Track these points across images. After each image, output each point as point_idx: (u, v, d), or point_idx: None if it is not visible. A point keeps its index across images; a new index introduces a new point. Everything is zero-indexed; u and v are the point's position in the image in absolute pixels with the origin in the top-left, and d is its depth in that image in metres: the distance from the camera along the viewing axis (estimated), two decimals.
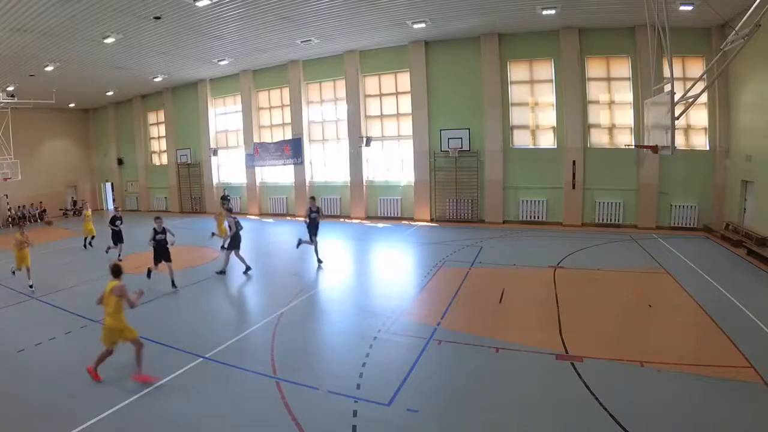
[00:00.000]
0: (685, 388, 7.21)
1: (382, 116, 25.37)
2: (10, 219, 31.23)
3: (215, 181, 31.67)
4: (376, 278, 15.13)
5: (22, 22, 15.94)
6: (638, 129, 19.55)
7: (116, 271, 8.52)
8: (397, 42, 23.01)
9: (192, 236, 23.04)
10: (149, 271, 14.14)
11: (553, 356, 8.40)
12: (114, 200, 30.68)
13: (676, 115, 11.16)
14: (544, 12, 17.77)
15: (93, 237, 20.61)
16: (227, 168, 31.61)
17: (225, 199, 19.91)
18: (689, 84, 12.89)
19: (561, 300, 11.41)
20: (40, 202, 33.52)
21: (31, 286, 14.00)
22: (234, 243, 14.98)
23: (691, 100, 11.55)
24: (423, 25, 19.73)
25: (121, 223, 18.06)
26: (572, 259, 14.77)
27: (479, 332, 9.61)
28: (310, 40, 21.77)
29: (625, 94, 20.42)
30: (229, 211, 17.40)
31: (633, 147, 18.79)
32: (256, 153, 28.61)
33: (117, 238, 17.92)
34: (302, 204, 27.09)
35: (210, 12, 16.82)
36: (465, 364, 8.36)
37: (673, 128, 11.20)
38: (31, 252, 14.95)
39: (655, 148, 12.38)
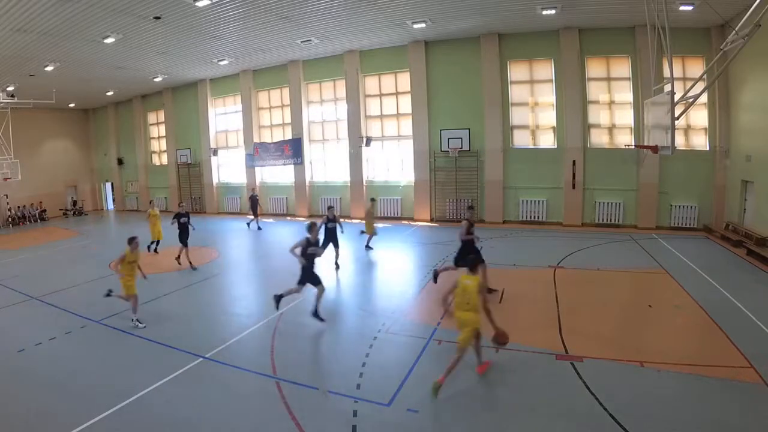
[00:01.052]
0: (685, 388, 7.22)
1: (382, 116, 25.37)
2: (10, 219, 31.20)
3: (215, 181, 31.68)
4: (376, 278, 15.10)
5: (22, 22, 15.92)
6: (638, 129, 19.55)
7: (474, 266, 7.79)
8: (397, 42, 23.02)
9: (191, 237, 23.01)
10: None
11: (553, 356, 8.43)
12: (180, 199, 28.84)
13: (676, 115, 11.20)
14: (544, 12, 17.78)
15: (159, 241, 18.86)
16: (227, 168, 31.61)
17: (373, 200, 18.97)
18: (689, 84, 12.91)
19: (561, 300, 11.43)
20: (40, 202, 33.48)
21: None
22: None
23: (691, 100, 11.58)
24: (423, 25, 19.73)
25: (188, 220, 16.82)
26: (572, 259, 14.77)
27: None
28: (310, 40, 21.77)
29: (625, 94, 20.42)
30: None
31: (633, 147, 18.79)
32: (256, 153, 28.62)
33: (184, 235, 16.59)
34: (302, 204, 27.20)
35: (210, 12, 16.81)
36: (465, 364, 8.22)
37: (673, 128, 11.24)
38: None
39: (655, 148, 12.42)
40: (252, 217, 24.45)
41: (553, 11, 17.70)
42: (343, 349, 9.47)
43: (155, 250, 18.77)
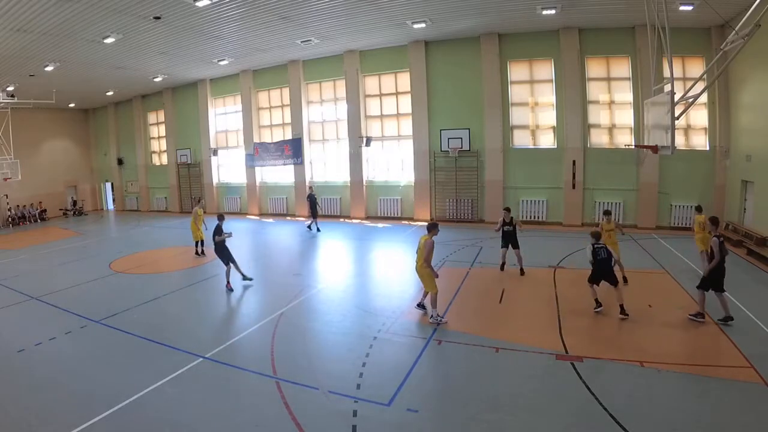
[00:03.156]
0: (685, 387, 7.24)
1: (382, 116, 25.38)
2: (9, 219, 31.23)
3: (215, 181, 31.71)
4: (376, 278, 15.11)
5: (22, 22, 15.94)
6: (638, 129, 19.55)
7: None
8: (397, 42, 23.03)
9: (189, 237, 22.98)
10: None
11: (553, 356, 8.43)
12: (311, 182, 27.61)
13: (676, 115, 11.17)
14: (544, 12, 17.78)
15: (202, 241, 18.20)
16: (227, 168, 31.64)
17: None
18: (689, 84, 12.91)
19: (561, 300, 11.45)
20: (40, 202, 33.53)
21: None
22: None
23: (691, 100, 11.56)
24: (423, 25, 19.74)
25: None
26: (572, 259, 14.77)
27: (479, 332, 9.66)
28: (310, 40, 21.78)
29: (625, 94, 20.43)
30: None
31: (633, 147, 18.82)
32: (256, 153, 28.65)
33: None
34: (302, 204, 27.15)
35: (210, 12, 16.81)
36: (465, 364, 8.39)
37: (673, 128, 11.21)
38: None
39: (655, 148, 12.37)
40: (311, 218, 22.76)
41: (552, 11, 17.70)
42: (343, 349, 9.46)
43: (202, 252, 18.16)
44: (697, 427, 6.20)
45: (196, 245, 18.21)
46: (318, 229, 22.39)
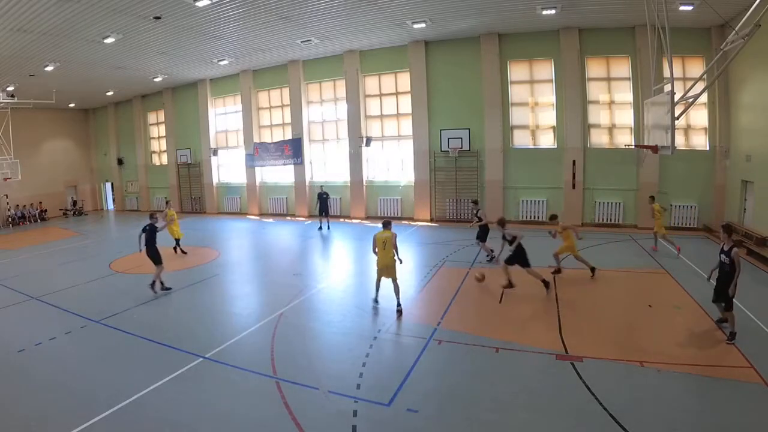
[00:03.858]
0: (685, 387, 7.28)
1: (382, 116, 25.44)
2: (9, 219, 31.29)
3: (215, 181, 31.78)
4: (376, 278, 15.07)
5: (22, 22, 16.00)
6: (638, 129, 19.62)
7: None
8: (397, 42, 23.10)
9: (191, 237, 23.03)
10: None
11: (553, 356, 8.46)
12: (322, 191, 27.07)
13: (676, 115, 11.22)
14: (544, 12, 17.85)
15: (179, 240, 18.73)
16: (227, 168, 31.72)
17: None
18: (689, 84, 12.95)
19: (561, 300, 11.48)
20: (40, 203, 33.59)
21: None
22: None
23: (691, 100, 11.61)
24: (423, 25, 19.81)
25: (327, 197, 20.80)
26: (572, 259, 14.77)
27: (479, 332, 9.69)
28: (310, 40, 21.84)
29: (625, 94, 20.50)
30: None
31: (633, 147, 18.85)
32: (256, 153, 28.71)
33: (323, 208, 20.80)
34: (302, 204, 27.19)
35: (210, 12, 16.86)
36: (465, 364, 8.44)
37: (673, 128, 11.26)
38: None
39: (655, 148, 12.43)
40: (322, 218, 22.84)
41: (553, 11, 17.76)
42: (343, 349, 9.49)
43: (182, 250, 18.76)
44: (697, 427, 6.23)
45: (176, 243, 18.75)
46: (328, 227, 22.67)
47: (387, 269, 11.10)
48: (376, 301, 11.57)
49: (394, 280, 11.15)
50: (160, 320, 11.33)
